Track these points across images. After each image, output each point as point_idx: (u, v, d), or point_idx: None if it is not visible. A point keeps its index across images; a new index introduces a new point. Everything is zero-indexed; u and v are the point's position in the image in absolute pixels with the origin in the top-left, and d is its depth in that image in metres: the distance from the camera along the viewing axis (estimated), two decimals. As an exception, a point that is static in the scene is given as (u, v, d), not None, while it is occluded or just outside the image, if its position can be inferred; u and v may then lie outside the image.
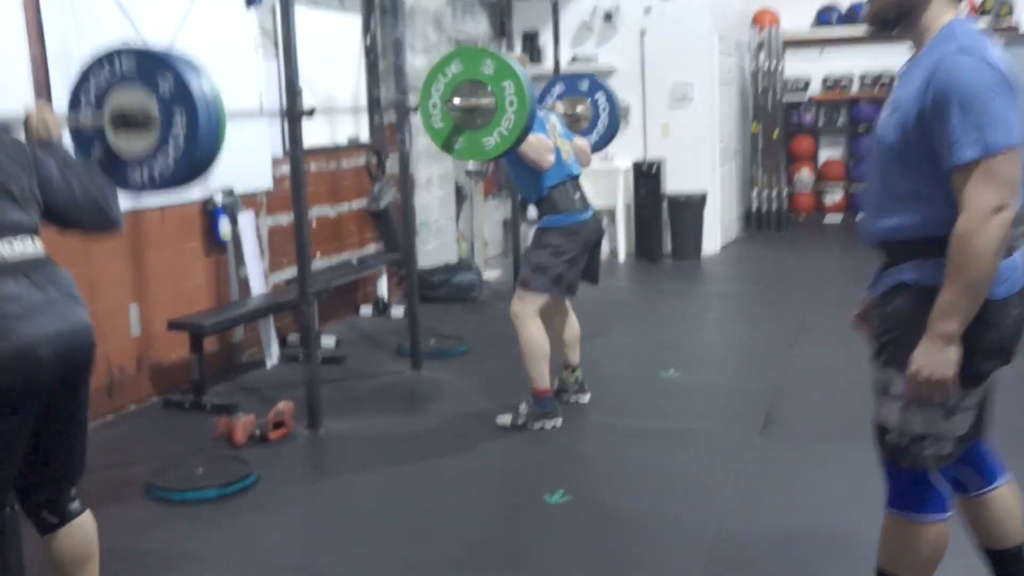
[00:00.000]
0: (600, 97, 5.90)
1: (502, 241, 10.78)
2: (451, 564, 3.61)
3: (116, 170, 3.29)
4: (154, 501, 4.26)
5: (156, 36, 5.77)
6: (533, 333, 4.91)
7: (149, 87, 3.20)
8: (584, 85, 5.95)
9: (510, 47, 10.45)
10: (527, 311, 4.92)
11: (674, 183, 10.33)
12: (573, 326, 5.33)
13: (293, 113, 4.85)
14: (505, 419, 5.00)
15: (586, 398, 5.38)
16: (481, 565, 3.62)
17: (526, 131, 4.37)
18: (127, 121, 3.28)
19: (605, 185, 10.28)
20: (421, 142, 7.78)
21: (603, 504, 4.05)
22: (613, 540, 3.73)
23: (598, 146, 5.96)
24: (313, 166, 7.26)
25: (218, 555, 3.77)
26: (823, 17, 12.26)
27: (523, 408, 4.98)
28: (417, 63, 8.21)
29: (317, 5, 7.31)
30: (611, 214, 10.44)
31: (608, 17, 10.43)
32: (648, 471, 4.42)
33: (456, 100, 4.35)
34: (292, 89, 4.84)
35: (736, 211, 11.65)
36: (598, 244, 5.16)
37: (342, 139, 7.60)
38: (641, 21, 10.39)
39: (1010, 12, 11.59)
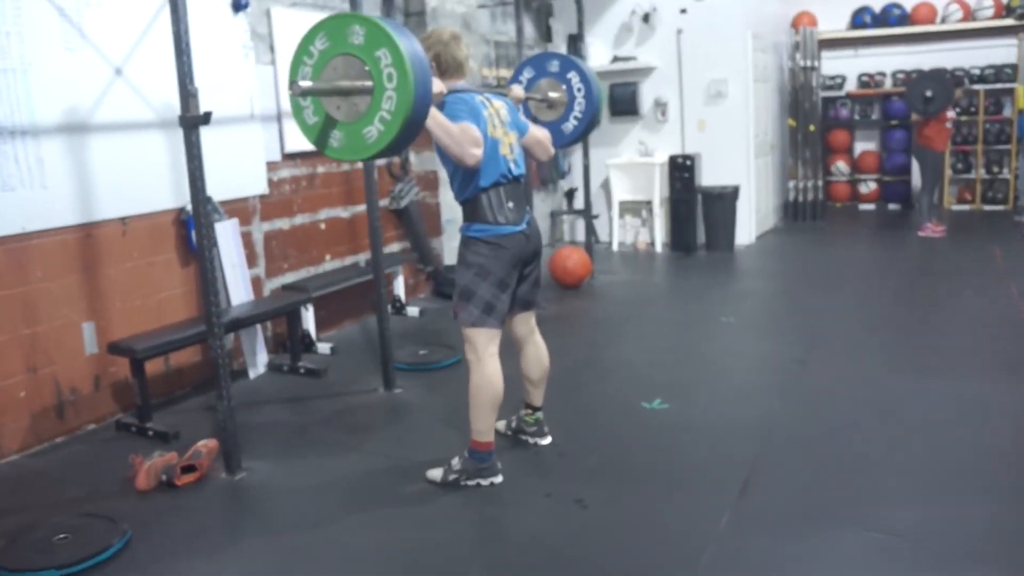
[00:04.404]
0: (573, 77, 4.04)
1: (549, 232, 9.04)
2: None
3: None
4: (-7, 580, 2.81)
5: (128, 39, 4.31)
6: (484, 378, 3.24)
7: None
8: (554, 65, 4.09)
9: (554, 48, 8.69)
10: (479, 352, 3.26)
11: (710, 176, 8.48)
12: (541, 360, 3.61)
13: (186, 119, 3.25)
14: (435, 474, 3.37)
15: (545, 441, 3.69)
16: None
17: (416, 112, 2.66)
18: None
19: (643, 178, 8.53)
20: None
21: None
22: None
23: (576, 134, 4.10)
24: (321, 168, 5.70)
25: None
26: (857, 19, 10.22)
27: (456, 462, 3.34)
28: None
29: (325, 8, 5.68)
30: (648, 206, 8.63)
31: (646, 18, 8.50)
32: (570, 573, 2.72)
33: (305, 83, 2.68)
34: (185, 92, 3.23)
35: (773, 201, 9.61)
36: (532, 262, 3.41)
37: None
38: (677, 21, 8.45)
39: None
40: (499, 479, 3.30)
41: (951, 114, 8.38)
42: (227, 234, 4.81)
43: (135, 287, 4.44)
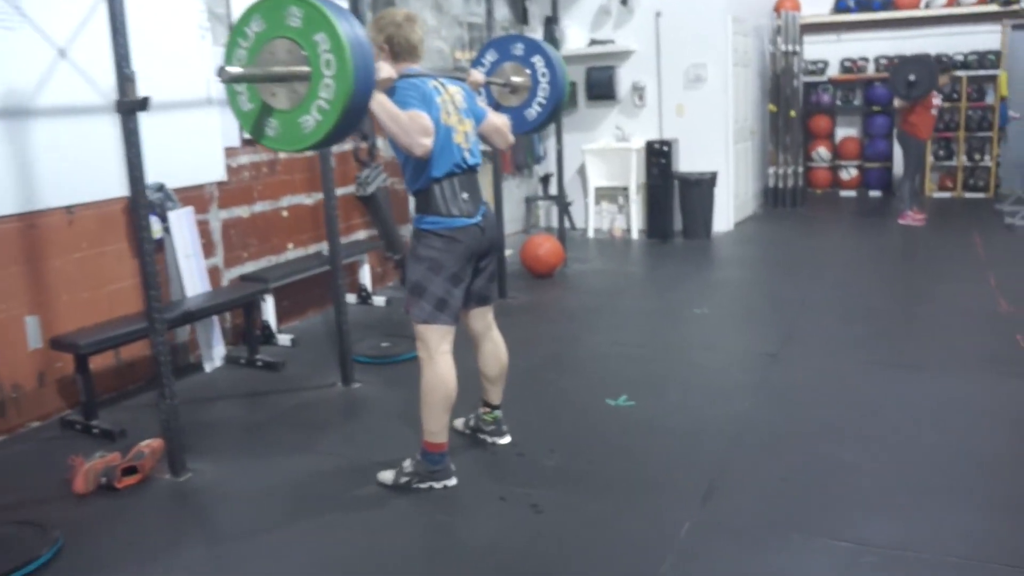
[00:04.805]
0: (538, 61, 3.86)
1: (524, 219, 8.89)
2: None
3: None
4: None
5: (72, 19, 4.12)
6: (436, 377, 3.10)
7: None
8: (519, 48, 3.92)
9: (531, 31, 8.51)
10: (431, 350, 3.12)
11: (688, 162, 8.33)
12: (499, 357, 3.47)
13: (123, 104, 3.09)
14: (387, 476, 3.23)
15: (504, 440, 3.55)
16: None
17: (356, 102, 2.52)
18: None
19: (619, 164, 8.38)
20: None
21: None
22: None
23: (540, 120, 3.93)
24: (283, 153, 5.51)
25: None
26: (841, 3, 10.11)
27: (407, 464, 3.20)
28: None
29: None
30: (625, 192, 8.49)
31: (624, 0, 8.32)
32: (520, 587, 2.60)
33: (234, 69, 2.54)
34: (122, 75, 3.06)
35: (753, 188, 9.49)
36: (487, 256, 3.26)
37: (322, 126, 5.80)
38: (657, 4, 8.29)
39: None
40: (452, 482, 3.17)
41: (937, 100, 8.25)
42: (181, 223, 4.64)
43: (83, 279, 4.27)
